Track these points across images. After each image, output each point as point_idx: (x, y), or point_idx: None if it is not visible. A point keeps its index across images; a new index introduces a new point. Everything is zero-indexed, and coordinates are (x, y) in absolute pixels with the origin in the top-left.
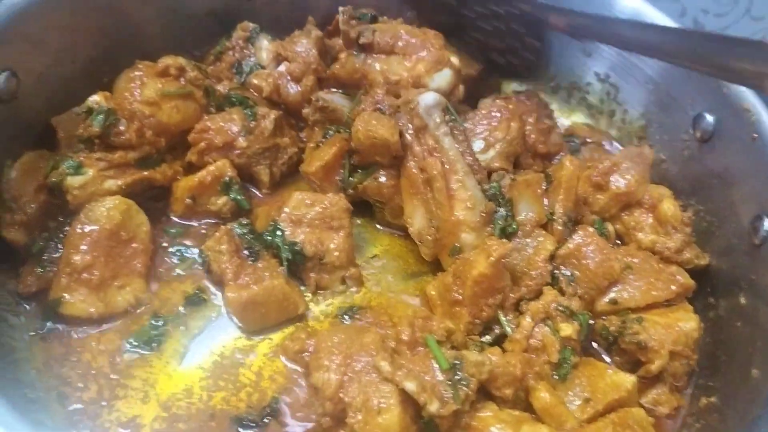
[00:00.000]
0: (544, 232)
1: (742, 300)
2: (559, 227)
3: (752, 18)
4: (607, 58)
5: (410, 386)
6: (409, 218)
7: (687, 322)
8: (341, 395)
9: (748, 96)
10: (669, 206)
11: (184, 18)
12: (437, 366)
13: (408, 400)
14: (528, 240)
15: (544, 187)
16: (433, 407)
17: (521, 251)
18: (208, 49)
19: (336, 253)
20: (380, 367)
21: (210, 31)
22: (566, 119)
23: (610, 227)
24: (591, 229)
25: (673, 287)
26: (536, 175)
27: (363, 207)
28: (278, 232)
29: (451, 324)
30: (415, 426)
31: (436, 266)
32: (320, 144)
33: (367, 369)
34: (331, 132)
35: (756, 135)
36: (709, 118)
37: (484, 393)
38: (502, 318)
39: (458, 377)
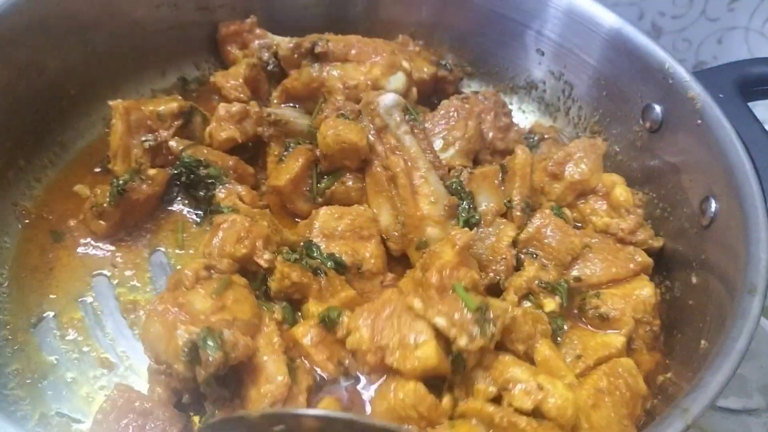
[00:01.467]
0: (504, 220)
1: (694, 279)
2: (518, 213)
3: (708, 19)
4: (560, 56)
5: (441, 321)
6: (376, 216)
7: (642, 290)
8: (377, 342)
9: (692, 84)
10: (621, 191)
11: (148, 33)
12: (465, 307)
13: (440, 336)
14: (490, 229)
15: (501, 179)
16: (462, 341)
17: (485, 240)
18: (172, 63)
19: (372, 260)
20: (412, 305)
21: (175, 45)
22: (525, 117)
23: (567, 212)
24: (548, 211)
25: (632, 265)
26: (492, 168)
27: None
28: (313, 248)
29: (476, 275)
30: (447, 361)
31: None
32: (282, 158)
33: (396, 313)
34: (292, 145)
35: (700, 121)
36: (657, 108)
37: (499, 347)
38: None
39: (485, 318)
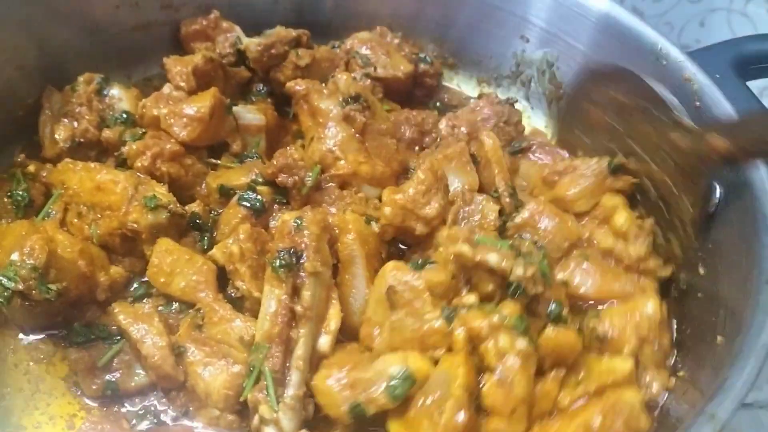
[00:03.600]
0: (484, 195)
1: (701, 270)
2: (507, 199)
3: (689, 1)
4: (546, 42)
5: (493, 257)
6: None
7: (646, 305)
8: None
9: (687, 65)
10: (621, 217)
11: (109, 35)
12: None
13: None
14: (472, 207)
15: (469, 158)
16: (519, 270)
17: (470, 218)
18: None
19: None
20: (462, 251)
21: (139, 46)
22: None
23: None
24: (542, 198)
25: (632, 288)
26: (454, 148)
27: None
28: None
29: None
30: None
31: None
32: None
33: None
34: None
35: (699, 103)
36: None
37: None
38: None
39: (521, 252)
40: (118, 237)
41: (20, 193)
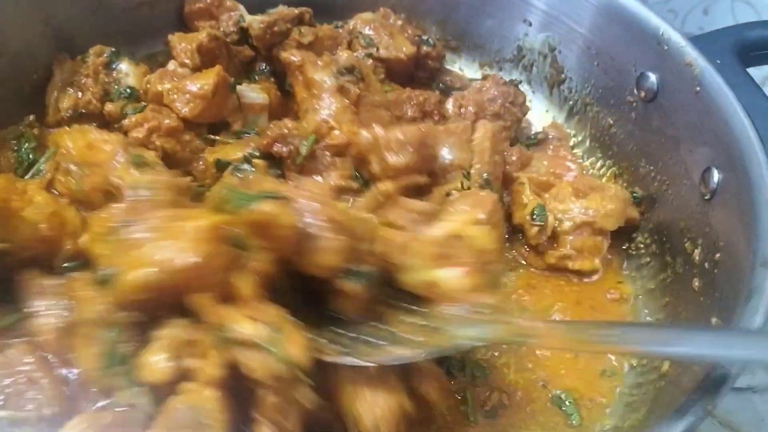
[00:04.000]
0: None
1: (697, 254)
2: (476, 187)
3: None
4: (548, 25)
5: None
6: None
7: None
8: None
9: (688, 50)
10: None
11: (114, 12)
12: None
13: None
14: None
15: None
16: None
17: None
18: (142, 42)
19: None
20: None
21: (144, 22)
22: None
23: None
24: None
25: None
26: (458, 125)
27: None
28: None
29: None
30: None
31: None
32: None
33: None
34: None
35: (699, 88)
36: (653, 76)
37: None
38: None
39: None
40: (101, 193)
41: (25, 150)
